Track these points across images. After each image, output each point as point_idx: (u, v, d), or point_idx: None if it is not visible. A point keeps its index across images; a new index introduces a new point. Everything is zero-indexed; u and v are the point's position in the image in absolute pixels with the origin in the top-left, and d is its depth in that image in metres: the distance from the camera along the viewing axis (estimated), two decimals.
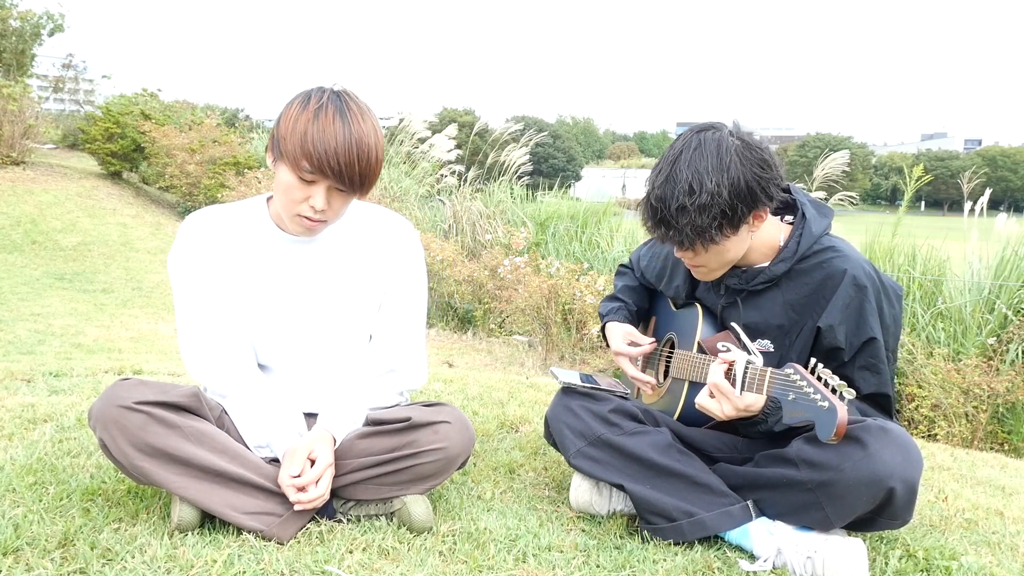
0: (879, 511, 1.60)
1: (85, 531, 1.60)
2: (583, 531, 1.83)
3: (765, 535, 1.70)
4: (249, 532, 1.64)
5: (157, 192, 12.83)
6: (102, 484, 1.85)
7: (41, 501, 1.73)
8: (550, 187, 11.50)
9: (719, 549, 1.74)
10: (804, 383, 1.47)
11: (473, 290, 7.35)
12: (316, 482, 1.67)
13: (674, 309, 2.09)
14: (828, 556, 1.61)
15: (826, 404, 1.42)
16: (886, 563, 1.72)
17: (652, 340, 2.08)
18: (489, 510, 1.90)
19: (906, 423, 4.49)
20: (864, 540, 1.74)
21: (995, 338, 4.75)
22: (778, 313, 1.78)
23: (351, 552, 1.61)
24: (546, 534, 1.76)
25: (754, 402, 1.63)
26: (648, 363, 2.17)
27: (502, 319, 6.91)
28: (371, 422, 1.80)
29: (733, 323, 1.81)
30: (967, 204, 6.25)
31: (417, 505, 1.73)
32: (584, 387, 1.93)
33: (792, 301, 1.76)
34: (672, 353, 2.02)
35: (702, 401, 1.70)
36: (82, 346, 4.86)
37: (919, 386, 4.49)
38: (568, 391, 1.94)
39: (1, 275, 7.55)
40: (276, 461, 1.75)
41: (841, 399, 1.42)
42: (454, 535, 1.73)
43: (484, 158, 10.98)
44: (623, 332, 2.10)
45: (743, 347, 1.70)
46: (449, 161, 11.23)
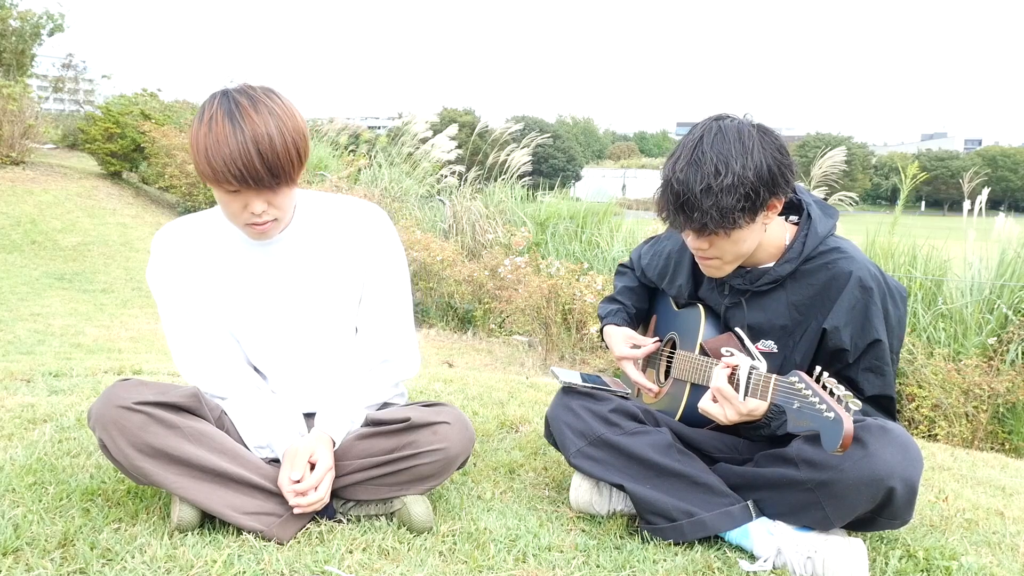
0: (879, 511, 1.60)
1: (85, 531, 1.60)
2: (583, 531, 1.83)
3: (765, 535, 1.70)
4: (249, 532, 1.64)
5: (157, 192, 12.83)
6: (102, 484, 1.85)
7: (41, 501, 1.73)
8: (550, 187, 11.50)
9: (719, 549, 1.74)
10: (809, 392, 1.45)
11: (473, 290, 7.35)
12: (316, 487, 1.67)
13: (676, 309, 2.08)
14: (828, 556, 1.61)
15: (832, 415, 1.39)
16: (886, 563, 1.72)
17: (655, 340, 2.08)
18: (489, 510, 1.90)
19: (906, 423, 4.49)
20: (864, 540, 1.74)
21: (995, 338, 4.74)
22: (782, 314, 1.77)
23: (351, 552, 1.61)
24: (546, 534, 1.76)
25: (757, 407, 1.63)
26: (649, 363, 2.17)
27: (502, 319, 6.92)
28: (371, 422, 1.80)
29: (737, 327, 1.80)
30: (967, 204, 6.25)
31: (417, 505, 1.73)
32: (584, 387, 1.93)
33: (797, 302, 1.75)
34: (673, 353, 2.02)
35: (705, 405, 1.69)
36: (82, 346, 4.86)
37: (919, 386, 4.49)
38: (568, 391, 1.94)
39: (1, 275, 7.55)
40: (276, 461, 1.75)
41: (847, 410, 1.40)
42: (454, 535, 1.73)
43: (484, 158, 10.98)
44: (624, 336, 2.10)
45: (746, 351, 1.70)
46: (450, 161, 11.24)
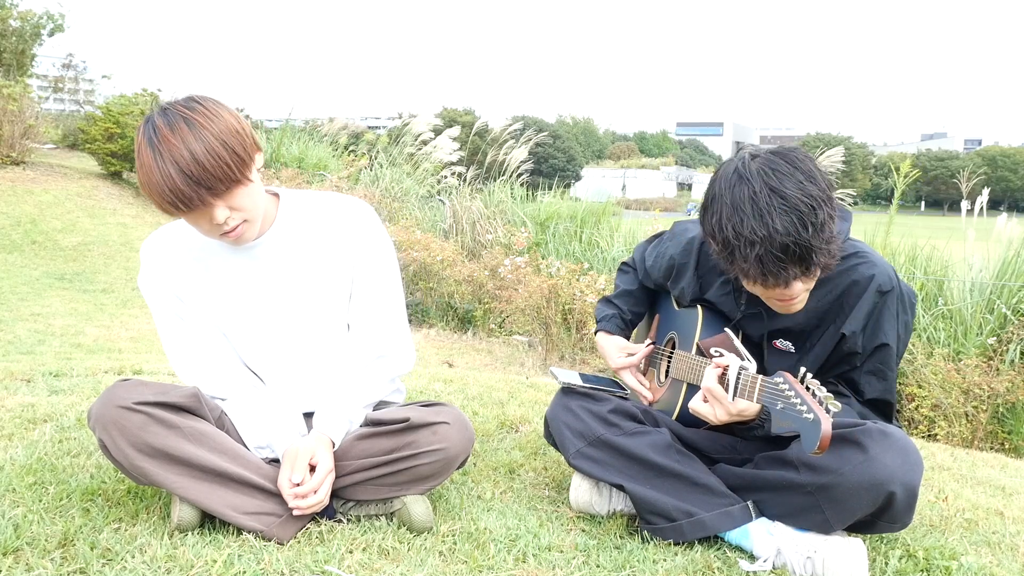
0: (879, 514, 1.60)
1: (85, 531, 1.60)
2: (583, 531, 1.83)
3: (765, 535, 1.70)
4: (249, 532, 1.64)
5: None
6: (102, 484, 1.85)
7: (41, 501, 1.73)
8: (550, 187, 11.50)
9: (719, 549, 1.74)
10: (792, 393, 1.44)
11: (473, 290, 7.35)
12: (316, 490, 1.67)
13: (676, 308, 2.08)
14: (828, 556, 1.61)
15: (811, 416, 1.38)
16: (886, 563, 1.72)
17: (648, 344, 2.08)
18: (489, 510, 1.90)
19: (906, 423, 4.49)
20: (864, 540, 1.73)
21: (995, 338, 4.75)
22: (800, 319, 1.74)
23: (351, 552, 1.61)
24: (546, 534, 1.76)
25: (747, 408, 1.63)
26: (650, 363, 2.17)
27: (502, 319, 6.92)
28: (370, 423, 1.80)
29: (728, 329, 1.79)
30: (966, 204, 6.25)
31: (417, 505, 1.73)
32: (584, 387, 1.93)
33: (816, 307, 1.72)
34: (673, 353, 2.02)
35: (695, 405, 1.70)
36: (82, 346, 4.86)
37: (919, 386, 4.49)
38: (568, 391, 1.94)
39: (1, 275, 7.55)
40: (276, 461, 1.75)
41: (827, 412, 1.39)
42: (454, 535, 1.73)
43: (483, 157, 10.99)
44: (617, 347, 2.11)
45: (737, 352, 1.70)
46: (451, 163, 11.24)
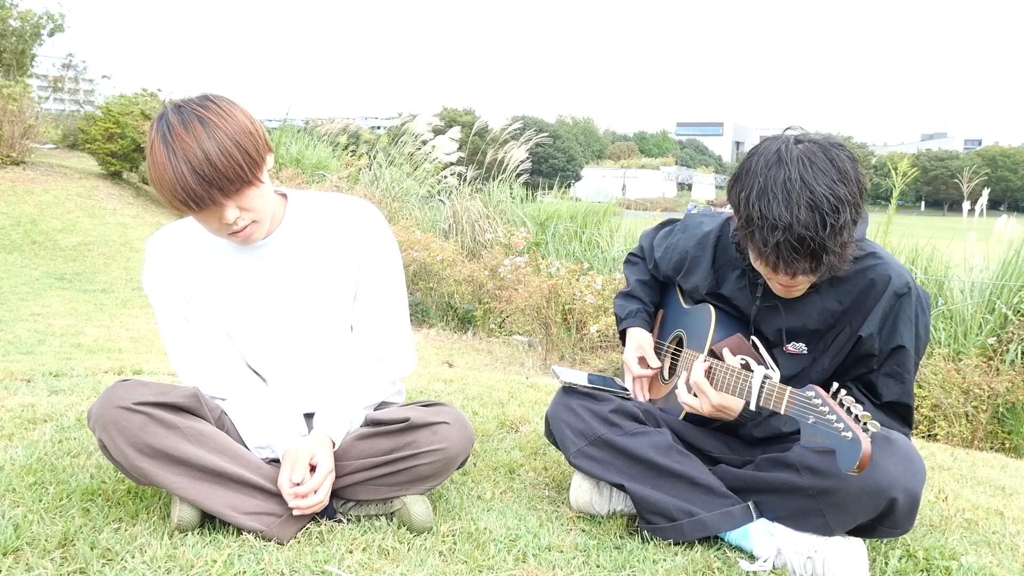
0: (880, 520, 1.60)
1: (85, 531, 1.60)
2: (583, 531, 1.83)
3: (765, 535, 1.70)
4: (249, 532, 1.64)
5: (157, 192, 12.82)
6: (102, 484, 1.84)
7: (41, 501, 1.73)
8: (550, 187, 11.50)
9: (719, 549, 1.74)
10: (826, 409, 1.42)
11: (473, 290, 7.35)
12: (316, 489, 1.67)
13: (684, 306, 2.05)
14: (828, 556, 1.61)
15: (850, 435, 1.36)
16: (886, 563, 1.72)
17: (656, 367, 2.06)
18: (489, 510, 1.90)
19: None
20: (864, 540, 1.73)
21: (995, 338, 4.75)
22: (815, 318, 1.74)
23: (351, 552, 1.61)
24: (546, 534, 1.76)
25: (730, 404, 1.69)
26: None
27: (502, 319, 6.92)
28: (370, 423, 1.80)
29: (764, 330, 1.79)
30: (966, 204, 6.25)
31: (417, 505, 1.73)
32: (585, 387, 1.93)
33: (832, 308, 1.72)
34: (679, 351, 2.01)
35: (684, 397, 1.76)
36: (82, 346, 4.86)
37: (919, 386, 4.49)
38: (569, 390, 1.94)
39: (1, 275, 7.55)
40: (276, 462, 1.75)
41: (865, 430, 1.37)
42: (454, 535, 1.73)
43: (483, 157, 10.99)
44: (637, 346, 2.07)
45: (760, 359, 1.70)
46: (451, 163, 11.24)
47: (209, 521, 1.67)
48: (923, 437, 4.26)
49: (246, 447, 1.76)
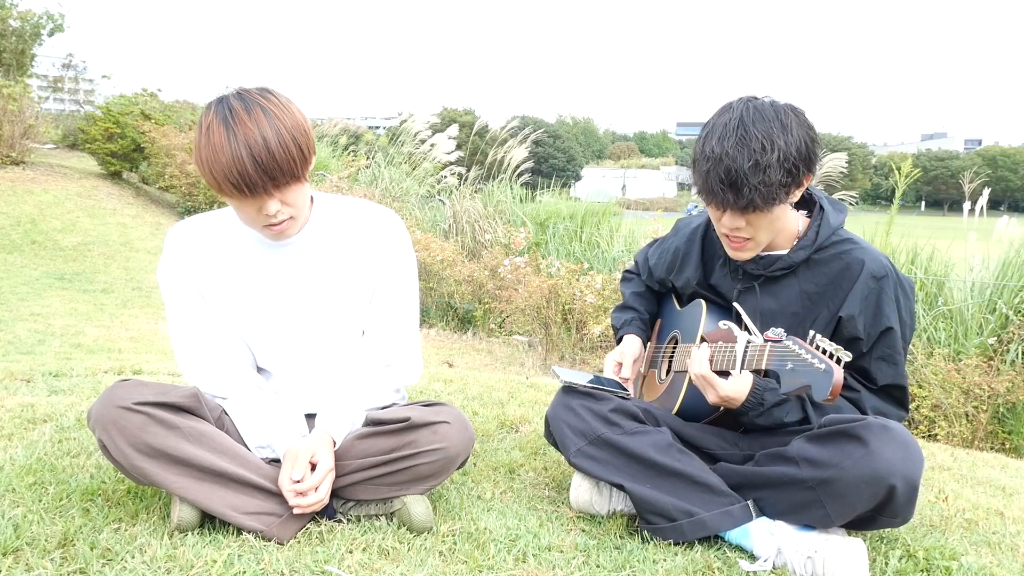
0: (880, 509, 1.61)
1: (85, 531, 1.60)
2: (583, 531, 1.83)
3: (765, 535, 1.70)
4: (249, 532, 1.64)
5: (157, 192, 12.81)
6: (102, 484, 1.84)
7: (41, 501, 1.73)
8: (550, 187, 11.50)
9: (719, 549, 1.74)
10: (802, 351, 1.52)
11: (473, 290, 7.35)
12: (316, 487, 1.67)
13: (678, 308, 2.10)
14: (828, 556, 1.61)
15: (823, 366, 1.47)
16: (886, 563, 1.72)
17: (626, 378, 2.09)
18: (489, 510, 1.90)
19: (906, 423, 4.49)
20: (864, 540, 1.74)
21: (996, 338, 4.74)
22: (794, 301, 1.80)
23: (351, 552, 1.61)
24: (546, 534, 1.76)
25: (736, 394, 1.70)
26: (651, 363, 2.17)
27: (502, 319, 6.92)
28: (370, 422, 1.80)
29: (736, 303, 1.84)
30: (967, 204, 6.24)
31: (417, 505, 1.73)
32: (585, 387, 1.93)
33: (809, 290, 1.79)
34: (675, 350, 2.03)
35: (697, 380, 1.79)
36: (82, 346, 4.86)
37: (919, 386, 4.49)
38: (569, 390, 1.94)
39: (1, 275, 7.55)
40: (277, 462, 1.75)
41: (837, 362, 1.47)
42: (454, 535, 1.73)
43: (483, 157, 10.99)
44: (620, 352, 2.11)
45: (744, 327, 1.73)
46: (451, 162, 11.24)
47: (209, 521, 1.67)
48: (923, 437, 4.27)
49: (246, 447, 1.76)
